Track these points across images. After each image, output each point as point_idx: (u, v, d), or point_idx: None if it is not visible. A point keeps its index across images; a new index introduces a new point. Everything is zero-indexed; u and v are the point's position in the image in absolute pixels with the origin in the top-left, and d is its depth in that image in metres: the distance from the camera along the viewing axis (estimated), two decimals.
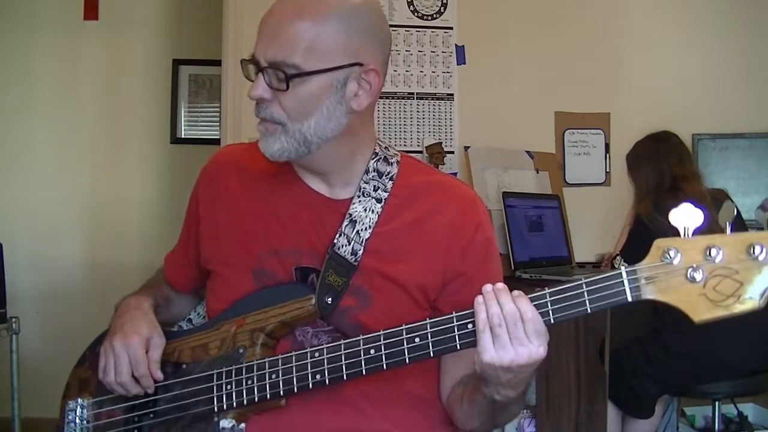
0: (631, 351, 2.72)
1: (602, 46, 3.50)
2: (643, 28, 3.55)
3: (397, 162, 1.24)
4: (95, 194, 3.85)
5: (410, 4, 3.36)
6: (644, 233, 2.66)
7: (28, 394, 2.96)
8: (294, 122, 1.11)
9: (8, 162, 3.78)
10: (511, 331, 0.98)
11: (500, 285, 1.02)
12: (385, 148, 1.25)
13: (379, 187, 1.20)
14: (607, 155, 3.52)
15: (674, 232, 0.94)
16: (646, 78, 3.52)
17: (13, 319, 2.88)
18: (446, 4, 3.40)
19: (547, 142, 3.47)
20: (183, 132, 3.92)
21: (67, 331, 3.27)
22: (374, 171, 1.21)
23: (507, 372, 1.00)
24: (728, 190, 2.89)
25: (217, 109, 3.56)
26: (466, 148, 3.26)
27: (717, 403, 2.82)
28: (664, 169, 2.77)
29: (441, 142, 3.31)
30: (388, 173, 1.22)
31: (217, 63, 3.31)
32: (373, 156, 1.22)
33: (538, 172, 3.36)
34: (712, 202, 2.67)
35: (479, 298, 1.01)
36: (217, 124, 3.61)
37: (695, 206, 0.93)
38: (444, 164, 3.27)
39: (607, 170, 3.53)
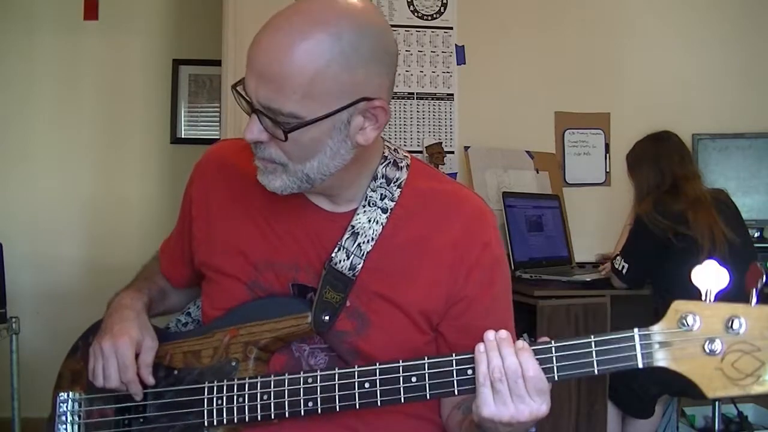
0: None
1: (602, 46, 3.51)
2: (643, 28, 3.55)
3: (407, 166, 1.17)
4: (95, 194, 3.85)
5: (410, 4, 3.36)
6: (644, 233, 2.66)
7: (28, 394, 2.96)
8: (295, 163, 1.03)
9: (8, 162, 3.78)
10: (512, 387, 0.93)
11: (503, 334, 0.96)
12: (394, 150, 1.19)
13: (385, 196, 1.14)
14: (607, 155, 3.52)
15: (695, 292, 0.87)
16: (646, 78, 3.52)
17: (13, 319, 2.88)
18: (446, 4, 3.40)
19: (547, 142, 3.47)
20: (183, 132, 3.92)
21: (67, 331, 3.25)
22: (383, 177, 1.14)
23: (506, 426, 0.96)
24: (728, 190, 2.89)
25: (217, 109, 3.56)
26: (466, 148, 3.26)
27: (717, 403, 2.82)
28: (664, 169, 2.77)
29: (441, 142, 3.31)
30: (397, 179, 1.15)
31: (217, 63, 3.31)
32: (382, 161, 1.15)
33: (538, 172, 3.36)
34: (713, 202, 2.67)
35: (480, 347, 0.96)
36: (217, 124, 3.61)
37: (720, 265, 0.86)
38: (444, 164, 3.27)
39: (607, 170, 3.53)
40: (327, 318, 1.10)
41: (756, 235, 3.35)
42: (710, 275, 0.86)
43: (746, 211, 3.06)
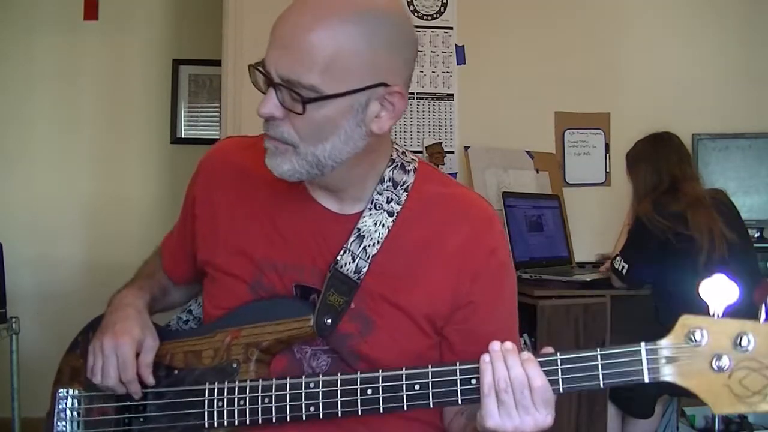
0: None
1: (602, 46, 3.51)
2: (643, 28, 3.55)
3: (414, 169, 1.16)
4: (95, 194, 3.85)
5: (410, 4, 3.37)
6: (644, 234, 2.66)
7: (28, 394, 2.95)
8: (307, 145, 1.02)
9: (8, 162, 3.78)
10: (517, 398, 0.93)
11: (509, 345, 0.95)
12: (402, 153, 1.17)
13: (392, 199, 1.12)
14: (607, 155, 3.52)
15: (702, 307, 0.87)
16: (646, 78, 3.52)
17: (13, 319, 2.88)
18: (446, 4, 3.40)
19: (547, 142, 3.47)
20: (183, 132, 3.92)
21: (67, 331, 3.26)
22: (389, 180, 1.13)
23: None
24: (728, 190, 2.89)
25: (217, 109, 3.56)
26: (466, 148, 3.26)
27: None
28: (662, 170, 2.77)
29: (441, 142, 3.31)
30: (404, 183, 1.13)
31: (217, 63, 3.31)
32: (390, 164, 1.14)
33: (538, 172, 3.36)
34: (712, 203, 2.67)
35: (485, 357, 0.95)
36: (217, 124, 3.61)
37: (730, 278, 0.86)
38: (444, 164, 3.27)
39: (607, 170, 3.53)
40: (329, 321, 1.09)
41: (756, 235, 3.34)
42: (719, 289, 0.85)
43: (746, 211, 3.06)
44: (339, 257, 1.10)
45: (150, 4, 3.91)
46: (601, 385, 0.91)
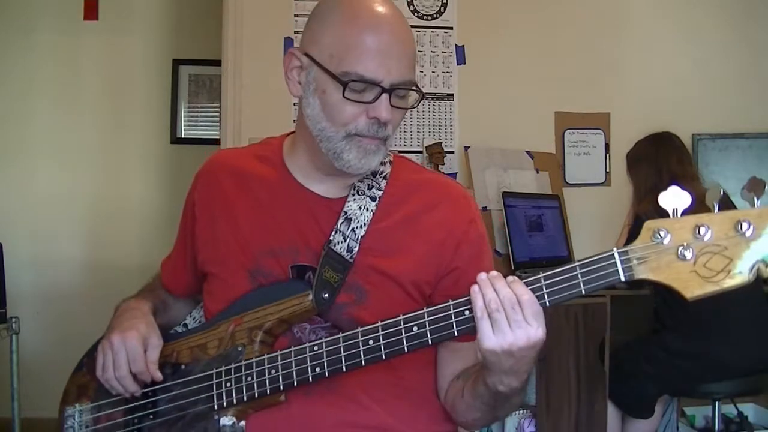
0: (631, 351, 2.72)
1: (602, 46, 3.50)
2: (643, 28, 3.55)
3: (390, 162, 1.27)
4: (95, 194, 3.85)
5: (410, 4, 3.36)
6: None
7: (28, 394, 2.96)
8: (392, 135, 1.17)
9: (8, 162, 3.78)
10: (509, 314, 1.00)
11: (494, 273, 1.04)
12: None
13: (373, 186, 1.22)
14: (607, 155, 3.52)
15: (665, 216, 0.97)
16: (647, 78, 3.52)
17: (13, 319, 2.88)
18: (446, 4, 3.40)
19: (547, 142, 3.47)
20: (183, 132, 3.92)
21: (67, 331, 3.27)
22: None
23: (508, 357, 1.01)
24: (728, 190, 2.87)
25: (217, 109, 3.57)
26: (466, 148, 3.26)
27: (717, 403, 2.82)
28: (662, 169, 2.77)
29: (441, 142, 3.31)
30: (382, 172, 1.24)
31: (217, 63, 3.31)
32: None
33: (538, 172, 3.36)
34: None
35: (475, 287, 1.02)
36: (217, 124, 3.61)
37: (682, 189, 0.96)
38: (444, 164, 3.27)
39: (607, 170, 3.53)
40: (327, 296, 1.16)
41: None
42: (675, 197, 0.95)
43: None
44: (332, 237, 1.18)
45: (150, 4, 3.92)
46: (583, 292, 0.99)
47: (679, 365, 2.63)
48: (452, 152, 3.37)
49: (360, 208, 1.20)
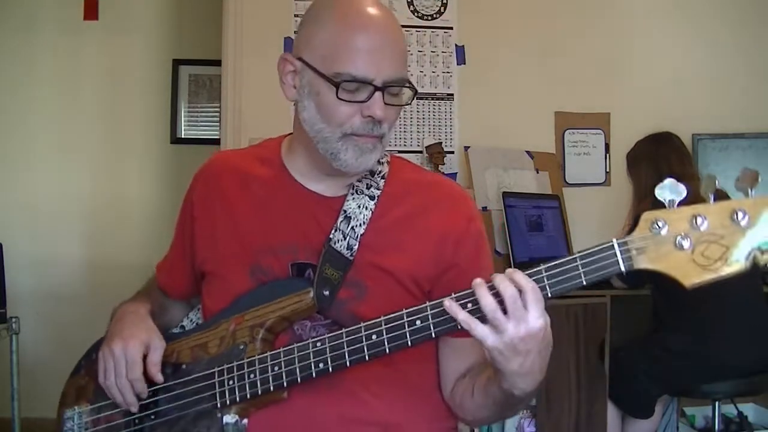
0: (631, 351, 2.72)
1: (602, 46, 3.50)
2: (643, 28, 3.55)
3: (387, 162, 1.28)
4: (95, 194, 3.85)
5: (410, 4, 3.36)
6: None
7: (28, 394, 2.96)
8: (388, 131, 1.18)
9: (8, 162, 3.78)
10: (509, 309, 0.99)
11: (494, 274, 1.03)
12: None
13: (372, 185, 1.24)
14: (607, 155, 3.52)
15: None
16: (646, 78, 3.52)
17: (13, 319, 2.88)
18: (446, 4, 3.40)
19: (547, 142, 3.47)
20: (183, 132, 3.92)
21: (67, 331, 3.27)
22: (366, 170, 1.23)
23: (515, 354, 1.00)
24: (728, 190, 2.88)
25: (217, 109, 3.56)
26: (466, 148, 3.26)
27: (717, 403, 2.82)
28: (662, 169, 2.77)
29: (441, 142, 3.31)
30: (380, 172, 1.25)
31: (217, 63, 3.31)
32: None
33: (538, 172, 3.36)
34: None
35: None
36: (217, 124, 3.61)
37: (678, 181, 0.98)
38: (444, 164, 3.27)
39: (607, 170, 3.53)
40: (327, 293, 1.16)
41: None
42: (671, 188, 0.98)
43: None
44: (332, 234, 1.19)
45: (150, 5, 3.92)
46: (584, 282, 1.00)
47: (679, 365, 2.63)
48: (452, 152, 3.37)
49: (359, 206, 1.21)
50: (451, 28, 3.40)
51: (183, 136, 3.92)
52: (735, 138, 3.47)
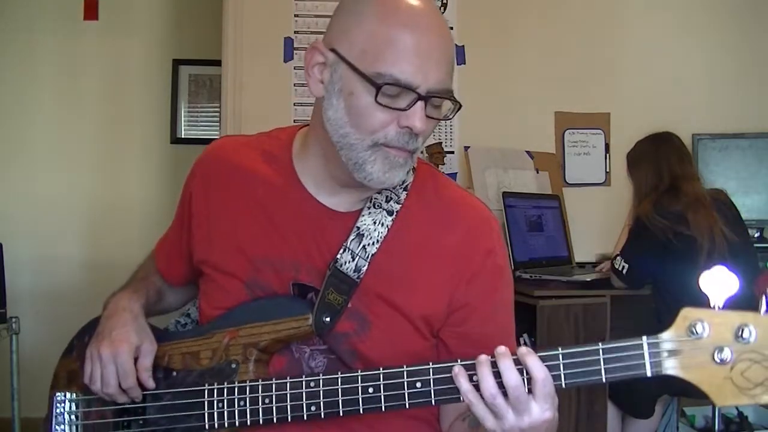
0: None
1: (602, 46, 3.51)
2: (643, 28, 3.55)
3: (414, 169, 1.16)
4: (95, 194, 3.85)
5: None
6: (644, 234, 2.66)
7: (28, 394, 2.95)
8: (420, 148, 1.06)
9: (8, 162, 3.78)
10: (513, 402, 0.90)
11: (501, 349, 0.92)
12: None
13: (391, 198, 1.12)
14: (607, 155, 3.52)
15: (704, 300, 0.86)
16: (647, 78, 3.52)
17: (13, 319, 2.88)
18: (446, 4, 3.40)
19: (547, 142, 3.47)
20: (183, 132, 3.92)
21: (67, 331, 3.25)
22: None
23: None
24: (728, 190, 2.88)
25: (217, 109, 3.56)
26: (466, 148, 3.26)
27: None
28: (662, 170, 2.77)
29: (441, 142, 3.31)
30: (403, 182, 1.13)
31: (217, 63, 3.31)
32: None
33: (538, 172, 3.36)
34: (712, 203, 2.67)
35: (460, 374, 0.92)
36: (217, 124, 3.61)
37: (730, 270, 0.84)
38: (444, 164, 3.27)
39: (607, 170, 3.53)
40: (328, 320, 1.08)
41: (756, 235, 3.34)
42: (719, 281, 0.84)
43: (746, 211, 3.06)
44: (339, 255, 1.09)
45: (150, 5, 3.91)
46: (604, 380, 0.89)
47: None
48: (452, 152, 3.37)
49: (375, 222, 1.10)
50: (451, 28, 3.40)
51: (183, 136, 3.92)
52: (735, 138, 3.47)
